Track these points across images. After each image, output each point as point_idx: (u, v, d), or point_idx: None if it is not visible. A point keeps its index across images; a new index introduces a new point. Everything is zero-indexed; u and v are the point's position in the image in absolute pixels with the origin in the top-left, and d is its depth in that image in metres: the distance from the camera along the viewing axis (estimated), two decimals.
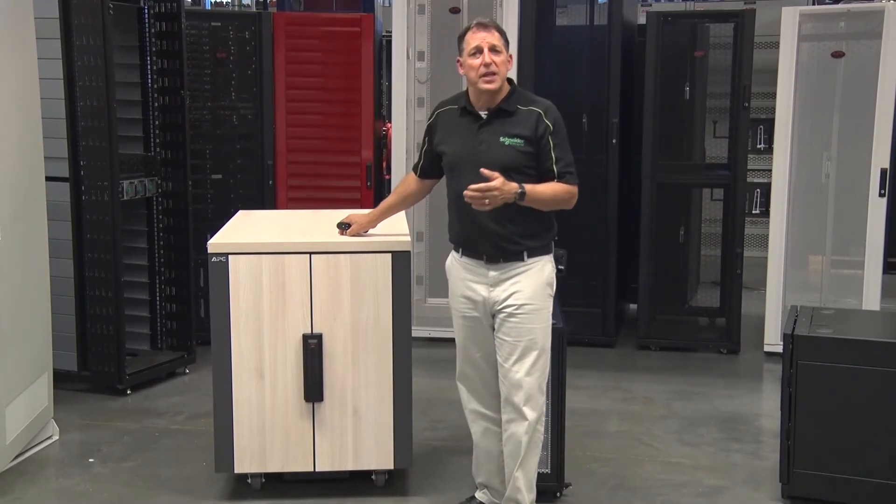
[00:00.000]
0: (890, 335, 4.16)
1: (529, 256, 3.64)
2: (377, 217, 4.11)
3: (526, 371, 3.63)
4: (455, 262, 3.78)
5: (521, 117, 3.60)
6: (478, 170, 3.54)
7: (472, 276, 3.69)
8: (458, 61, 3.68)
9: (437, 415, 5.07)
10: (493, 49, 3.56)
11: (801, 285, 6.20)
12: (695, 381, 5.78)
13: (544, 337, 3.67)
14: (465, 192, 3.49)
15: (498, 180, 3.46)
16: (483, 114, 3.64)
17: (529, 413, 3.65)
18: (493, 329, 3.70)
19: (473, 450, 3.93)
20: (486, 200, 3.47)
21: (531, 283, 3.63)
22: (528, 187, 3.52)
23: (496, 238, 3.60)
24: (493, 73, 3.55)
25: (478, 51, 3.57)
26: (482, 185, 3.46)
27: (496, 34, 3.60)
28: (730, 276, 6.30)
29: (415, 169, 3.96)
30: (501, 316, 3.65)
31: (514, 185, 3.49)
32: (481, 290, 3.67)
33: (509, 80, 3.68)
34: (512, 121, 3.60)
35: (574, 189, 3.62)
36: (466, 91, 3.72)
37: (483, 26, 3.61)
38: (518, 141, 3.57)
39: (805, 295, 6.09)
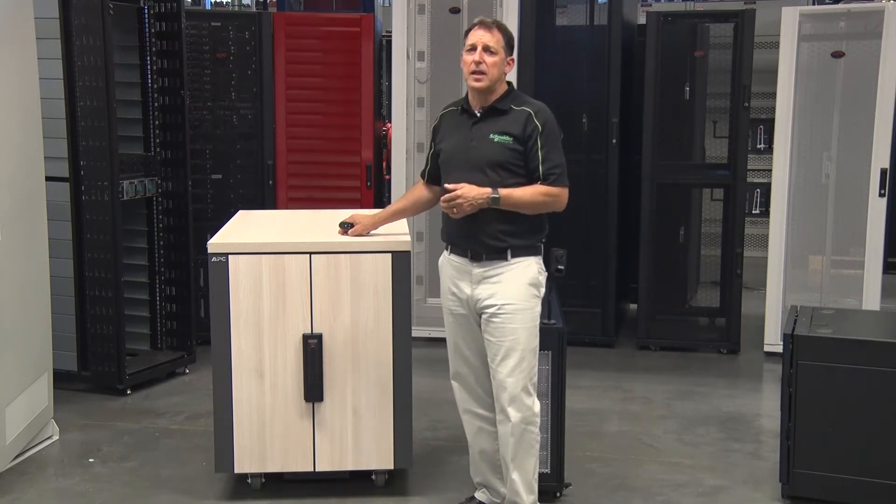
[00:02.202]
0: (890, 335, 4.16)
1: (514, 256, 3.63)
2: (383, 220, 4.10)
3: (508, 372, 3.62)
4: (445, 261, 3.81)
5: (512, 116, 3.64)
6: (467, 166, 3.61)
7: (458, 273, 3.72)
8: (462, 57, 3.72)
9: (437, 415, 5.06)
10: (486, 49, 3.59)
11: (801, 285, 6.20)
12: (695, 381, 5.78)
13: (528, 338, 3.65)
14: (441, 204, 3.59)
15: (462, 188, 3.53)
16: (478, 112, 3.68)
17: (514, 414, 3.64)
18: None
19: (469, 450, 3.93)
20: (455, 210, 3.54)
21: (513, 284, 3.62)
22: (504, 192, 3.54)
23: (480, 234, 3.62)
24: (482, 73, 3.59)
25: (472, 48, 3.61)
26: (447, 194, 3.55)
27: (496, 34, 3.62)
28: (730, 276, 6.30)
29: (423, 174, 3.97)
30: (484, 316, 3.66)
31: (485, 190, 3.54)
32: (465, 288, 3.70)
33: (508, 83, 3.72)
34: (504, 119, 3.64)
35: (558, 191, 3.61)
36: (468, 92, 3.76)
37: (484, 25, 3.63)
38: (507, 138, 3.60)
39: (805, 295, 6.09)
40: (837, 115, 6.02)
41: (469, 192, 3.54)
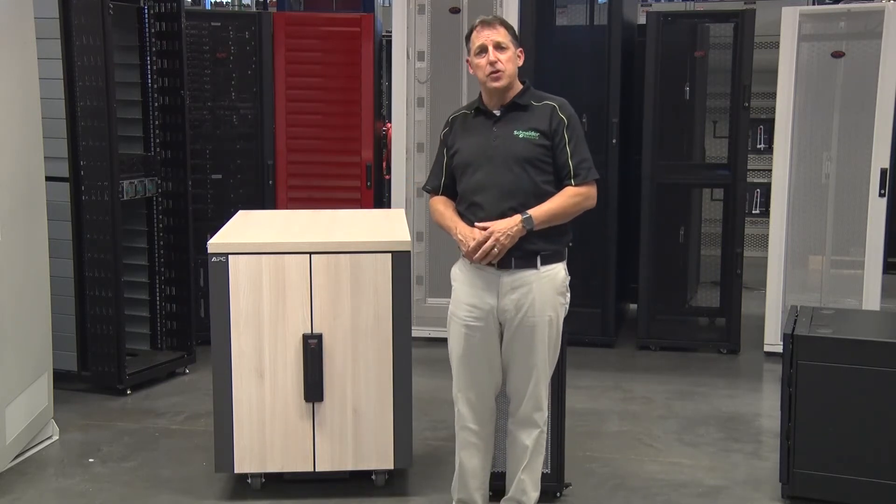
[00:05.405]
0: (890, 335, 4.16)
1: (543, 263, 3.54)
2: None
3: (536, 381, 3.61)
4: (464, 268, 3.64)
5: (535, 112, 3.56)
6: (492, 166, 3.50)
7: (482, 281, 3.57)
8: (468, 61, 3.63)
9: (437, 415, 5.06)
10: (497, 46, 3.51)
11: (801, 285, 6.20)
12: (695, 381, 5.78)
13: (554, 347, 3.64)
14: (471, 258, 3.48)
15: (491, 225, 3.43)
16: (496, 111, 3.59)
17: (540, 420, 3.67)
18: (501, 337, 3.62)
19: (458, 469, 3.80)
20: (496, 249, 3.43)
21: (543, 294, 3.54)
22: (533, 211, 3.45)
23: None
24: (499, 72, 3.50)
25: (482, 50, 3.52)
26: (480, 237, 3.43)
27: (501, 30, 3.54)
28: (730, 276, 6.30)
29: (434, 191, 3.75)
30: (511, 326, 3.57)
31: (514, 218, 3.44)
32: (489, 299, 3.56)
33: (523, 80, 3.63)
34: (526, 115, 3.56)
35: (587, 189, 3.55)
36: (480, 94, 3.67)
37: (487, 24, 3.55)
38: (533, 134, 3.52)
39: (805, 295, 6.09)
40: (837, 115, 6.02)
41: (498, 226, 3.43)
